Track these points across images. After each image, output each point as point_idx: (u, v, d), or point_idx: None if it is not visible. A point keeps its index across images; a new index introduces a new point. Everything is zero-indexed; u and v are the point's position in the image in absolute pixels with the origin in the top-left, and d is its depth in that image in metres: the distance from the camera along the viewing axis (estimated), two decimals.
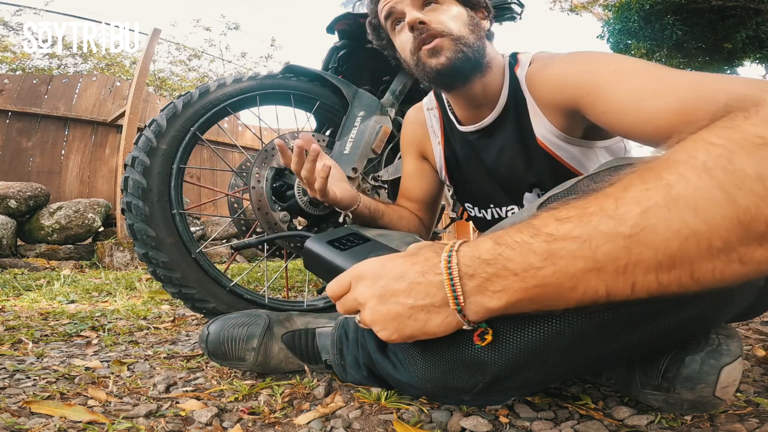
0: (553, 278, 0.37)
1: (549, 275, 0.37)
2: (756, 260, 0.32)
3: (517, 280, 0.39)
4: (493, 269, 0.40)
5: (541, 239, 0.38)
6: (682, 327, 0.44)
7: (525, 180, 0.85)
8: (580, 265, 0.36)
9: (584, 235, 0.36)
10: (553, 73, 0.74)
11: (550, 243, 0.37)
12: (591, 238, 0.35)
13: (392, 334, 0.46)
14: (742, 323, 1.12)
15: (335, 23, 1.41)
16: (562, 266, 0.36)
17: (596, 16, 9.06)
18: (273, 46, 14.82)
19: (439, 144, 0.98)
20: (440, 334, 0.45)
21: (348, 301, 0.50)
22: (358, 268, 0.50)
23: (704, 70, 7.04)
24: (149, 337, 1.16)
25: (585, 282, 0.36)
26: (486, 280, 0.41)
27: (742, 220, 0.31)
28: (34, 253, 3.24)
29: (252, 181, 1.16)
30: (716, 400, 0.49)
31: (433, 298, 0.43)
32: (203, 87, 1.21)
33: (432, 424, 0.62)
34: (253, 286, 2.20)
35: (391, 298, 0.45)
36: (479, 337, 0.45)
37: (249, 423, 0.62)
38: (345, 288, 0.50)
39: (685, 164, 0.34)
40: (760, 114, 0.34)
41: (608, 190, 0.37)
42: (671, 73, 0.54)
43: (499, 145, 0.86)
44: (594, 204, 0.37)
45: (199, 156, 5.35)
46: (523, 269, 0.38)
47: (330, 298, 0.53)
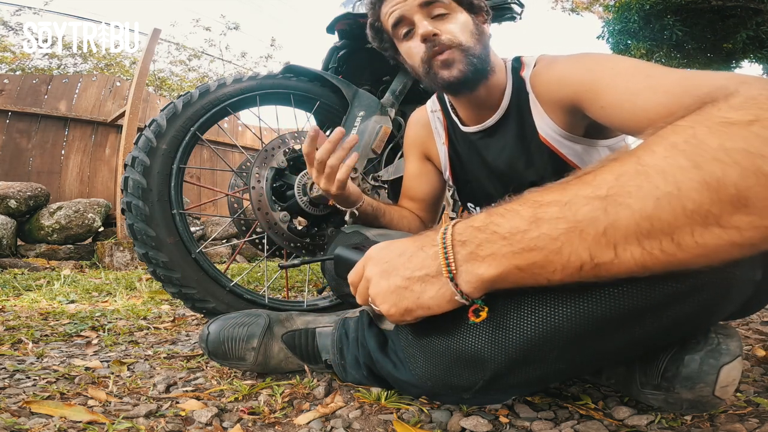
0: (538, 241, 0.39)
1: (535, 237, 0.39)
2: (735, 224, 0.33)
3: (505, 244, 0.41)
4: (484, 235, 0.42)
5: (527, 206, 0.41)
6: (680, 322, 0.44)
7: (525, 178, 0.87)
8: (562, 226, 0.38)
9: (564, 200, 0.39)
10: (555, 72, 0.77)
11: (535, 208, 0.40)
12: (571, 201, 0.38)
13: (391, 308, 0.48)
14: (742, 323, 1.12)
15: (335, 23, 1.41)
16: (546, 229, 0.39)
17: (597, 14, 9.06)
18: (273, 46, 14.82)
19: (444, 144, 1.00)
20: (435, 308, 0.47)
21: (362, 284, 0.52)
22: (369, 252, 0.53)
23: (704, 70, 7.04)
24: (149, 337, 1.16)
25: (569, 245, 0.38)
26: (477, 246, 0.43)
27: (710, 183, 0.33)
28: (34, 253, 3.24)
29: (252, 181, 1.16)
30: (716, 400, 0.49)
31: (428, 268, 0.46)
32: (203, 87, 1.21)
33: (432, 424, 0.62)
34: (253, 286, 2.20)
35: (393, 272, 0.48)
36: (474, 313, 0.46)
37: (249, 423, 0.62)
38: (360, 273, 0.53)
39: (654, 142, 0.37)
40: (729, 101, 0.37)
41: (588, 169, 0.41)
42: (664, 70, 0.57)
43: (500, 144, 0.88)
44: (575, 178, 0.40)
45: (199, 156, 5.35)
46: (510, 233, 0.41)
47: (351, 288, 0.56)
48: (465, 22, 0.81)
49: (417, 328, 0.57)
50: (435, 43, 0.79)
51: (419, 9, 0.80)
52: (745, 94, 0.37)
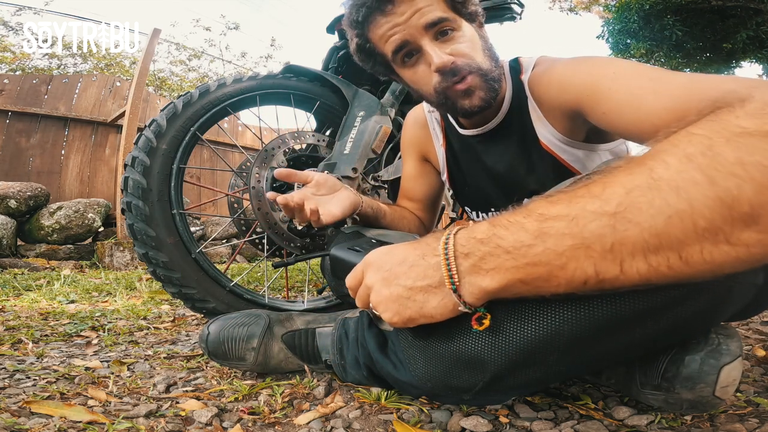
0: (543, 256, 0.38)
1: (539, 253, 0.38)
2: (744, 242, 0.33)
3: (509, 258, 0.40)
4: (487, 248, 0.42)
5: (532, 219, 0.40)
6: (681, 325, 0.44)
7: (525, 185, 0.85)
8: (568, 243, 0.37)
9: (572, 214, 0.37)
10: (555, 77, 0.74)
11: (540, 222, 0.39)
12: (578, 216, 0.37)
13: (393, 316, 0.48)
14: (742, 323, 1.12)
15: (335, 23, 1.41)
16: (551, 244, 0.38)
17: (597, 14, 9.06)
18: (273, 46, 14.79)
19: (442, 146, 0.99)
20: (438, 317, 0.46)
21: (362, 290, 0.52)
22: (368, 257, 0.52)
23: (704, 71, 7.05)
24: (149, 337, 1.16)
25: (574, 261, 0.37)
26: (480, 259, 0.42)
27: (724, 200, 0.32)
28: (34, 253, 3.24)
29: (252, 181, 1.16)
30: (716, 400, 0.49)
31: (431, 279, 0.45)
32: (203, 87, 1.21)
33: (432, 424, 0.62)
34: (253, 286, 2.20)
35: (394, 281, 0.47)
36: (477, 321, 0.46)
37: (249, 423, 0.62)
38: (359, 278, 0.53)
39: (667, 152, 0.36)
40: (745, 108, 0.35)
41: (596, 177, 0.39)
42: (667, 74, 0.55)
43: (500, 148, 0.86)
44: (583, 189, 0.39)
45: (199, 156, 5.35)
46: (514, 247, 0.40)
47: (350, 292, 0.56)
48: (472, 37, 0.75)
49: (417, 330, 0.57)
50: (454, 71, 0.72)
51: (425, 32, 0.71)
52: (761, 100, 0.35)
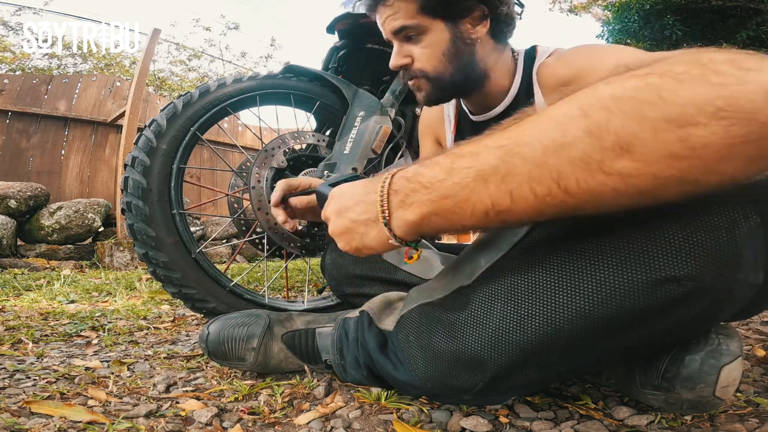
0: (451, 189, 0.42)
1: (449, 186, 0.42)
2: (618, 171, 0.34)
3: (426, 193, 0.44)
4: (412, 185, 0.46)
5: (447, 157, 0.44)
6: (681, 325, 0.44)
7: None
8: (471, 176, 0.41)
9: (476, 151, 0.42)
10: (559, 62, 0.79)
11: (452, 159, 0.43)
12: (480, 152, 0.41)
13: (345, 245, 0.53)
14: (742, 323, 1.12)
15: (335, 23, 1.41)
16: (457, 178, 0.42)
17: (595, 16, 9.07)
18: (273, 46, 14.83)
19: (452, 132, 1.02)
20: (378, 249, 0.51)
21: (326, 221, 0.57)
22: (332, 191, 0.57)
23: None
24: (149, 337, 1.16)
25: (476, 193, 0.40)
26: (406, 195, 0.46)
27: (592, 130, 0.34)
28: (34, 253, 3.24)
29: (252, 181, 1.16)
30: (716, 400, 0.49)
31: (370, 213, 0.50)
32: (203, 87, 1.21)
33: (432, 424, 0.62)
34: (253, 286, 2.20)
35: (344, 214, 0.52)
36: (407, 255, 0.51)
37: (249, 423, 0.62)
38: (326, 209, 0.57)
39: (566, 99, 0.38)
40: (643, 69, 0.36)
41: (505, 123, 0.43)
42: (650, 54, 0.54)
43: None
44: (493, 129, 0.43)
45: (199, 156, 5.35)
46: (430, 182, 0.44)
47: None
48: (436, 42, 0.80)
49: (417, 330, 0.57)
50: (406, 72, 0.84)
51: (393, 35, 0.83)
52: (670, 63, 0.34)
